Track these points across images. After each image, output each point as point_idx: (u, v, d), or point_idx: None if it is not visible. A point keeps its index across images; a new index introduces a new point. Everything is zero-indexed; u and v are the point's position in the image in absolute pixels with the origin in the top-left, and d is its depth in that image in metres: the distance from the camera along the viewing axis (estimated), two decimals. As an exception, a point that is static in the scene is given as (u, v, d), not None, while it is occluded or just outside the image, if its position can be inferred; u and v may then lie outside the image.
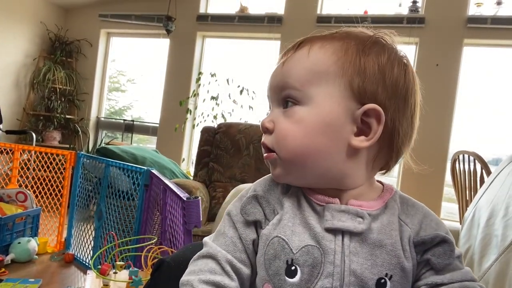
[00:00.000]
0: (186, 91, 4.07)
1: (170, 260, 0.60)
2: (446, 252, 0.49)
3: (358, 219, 0.49)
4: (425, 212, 0.53)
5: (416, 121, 0.55)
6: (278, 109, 0.53)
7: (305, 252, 0.48)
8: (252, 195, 0.54)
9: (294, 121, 0.51)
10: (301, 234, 0.50)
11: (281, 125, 0.52)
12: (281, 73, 0.53)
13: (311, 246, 0.49)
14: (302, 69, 0.51)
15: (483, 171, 2.16)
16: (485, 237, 0.81)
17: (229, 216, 0.55)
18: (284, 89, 0.52)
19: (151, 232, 1.32)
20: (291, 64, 0.53)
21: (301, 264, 0.48)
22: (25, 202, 1.62)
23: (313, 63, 0.51)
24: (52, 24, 4.48)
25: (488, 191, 0.99)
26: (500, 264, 0.71)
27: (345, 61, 0.50)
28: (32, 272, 1.35)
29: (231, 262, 0.52)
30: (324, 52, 0.51)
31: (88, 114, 4.53)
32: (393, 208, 0.52)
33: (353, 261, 0.48)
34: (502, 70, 3.40)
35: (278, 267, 0.49)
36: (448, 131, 3.28)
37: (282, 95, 0.53)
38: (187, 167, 4.08)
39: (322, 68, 0.51)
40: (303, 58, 0.52)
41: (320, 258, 0.48)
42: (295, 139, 0.50)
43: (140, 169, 1.45)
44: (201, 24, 4.08)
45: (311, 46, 0.52)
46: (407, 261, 0.49)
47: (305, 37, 0.54)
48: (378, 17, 3.46)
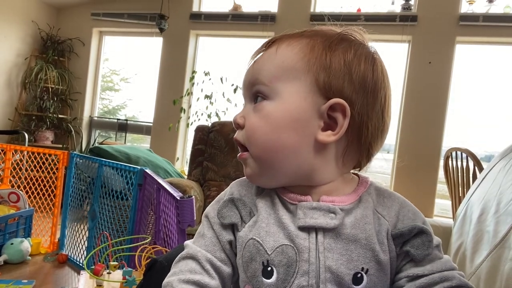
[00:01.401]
0: (179, 90, 4.05)
1: (163, 260, 0.60)
2: (424, 243, 0.49)
3: (330, 215, 0.49)
4: (401, 202, 0.53)
5: (388, 116, 0.54)
6: (250, 104, 0.54)
7: (279, 252, 0.49)
8: (229, 198, 0.55)
9: (262, 115, 0.51)
10: (276, 234, 0.50)
11: (250, 120, 0.53)
12: (252, 71, 0.55)
13: (285, 246, 0.49)
14: (270, 66, 0.53)
15: (476, 168, 2.17)
16: (477, 233, 0.82)
17: (207, 218, 0.56)
18: (254, 85, 0.54)
19: (145, 232, 1.32)
20: (261, 61, 0.54)
21: (276, 265, 0.49)
22: (17, 202, 1.61)
23: (281, 60, 0.52)
24: (44, 23, 4.43)
25: (480, 188, 0.99)
26: (491, 259, 0.71)
27: (311, 57, 0.51)
28: (26, 273, 1.34)
29: (211, 261, 0.52)
30: (292, 49, 0.52)
31: (81, 114, 4.50)
32: (367, 201, 0.52)
33: (328, 258, 0.48)
34: (494, 67, 3.43)
35: (255, 269, 0.49)
36: (441, 128, 3.30)
37: (253, 90, 0.54)
38: (182, 166, 4.07)
39: (289, 64, 0.52)
40: (272, 55, 0.53)
41: (294, 257, 0.48)
42: (263, 134, 0.51)
43: (134, 169, 1.44)
44: (194, 22, 4.06)
45: (279, 44, 0.54)
46: (383, 254, 0.49)
47: (275, 36, 0.56)
48: (371, 15, 3.47)
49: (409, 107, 3.39)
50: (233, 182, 0.59)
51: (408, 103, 3.40)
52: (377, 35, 3.56)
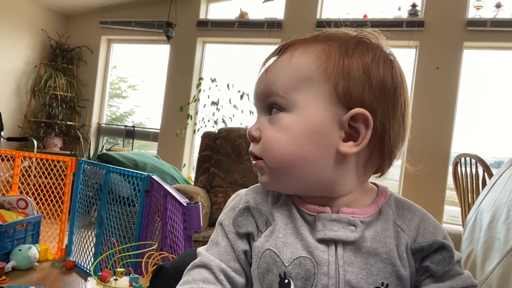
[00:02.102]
0: (186, 96, 4.08)
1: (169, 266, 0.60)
2: (445, 259, 0.48)
3: (351, 228, 0.47)
4: (422, 215, 0.51)
5: (408, 120, 0.53)
6: (264, 116, 0.52)
7: (297, 265, 0.47)
8: (245, 206, 0.53)
9: (280, 128, 0.49)
10: (293, 245, 0.48)
11: (267, 133, 0.50)
12: (265, 80, 0.52)
13: (303, 258, 0.47)
14: (285, 76, 0.50)
15: (485, 174, 2.15)
16: (487, 240, 0.81)
17: (221, 226, 0.54)
18: (268, 96, 0.51)
19: (152, 238, 1.32)
20: (274, 70, 0.52)
21: (294, 277, 0.47)
22: (26, 209, 1.62)
23: (296, 69, 0.50)
24: (53, 31, 4.50)
25: (490, 194, 0.98)
26: (503, 267, 0.70)
27: (328, 64, 0.49)
28: (33, 280, 1.34)
29: (224, 271, 0.50)
30: (307, 56, 0.50)
31: (89, 121, 4.54)
32: (388, 214, 0.50)
33: (347, 272, 0.46)
34: (502, 72, 3.40)
35: (271, 281, 0.48)
36: (449, 134, 3.27)
37: (267, 102, 0.51)
38: (188, 172, 4.08)
39: (306, 73, 0.49)
40: (285, 64, 0.51)
41: (313, 270, 0.46)
42: (282, 147, 0.49)
43: (141, 175, 1.44)
44: (201, 30, 4.09)
45: (293, 51, 0.51)
46: (403, 269, 0.47)
47: (287, 42, 0.53)
48: (377, 21, 3.47)
49: (416, 113, 3.34)
50: (248, 189, 0.57)
51: (415, 109, 3.34)
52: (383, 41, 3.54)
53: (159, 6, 4.13)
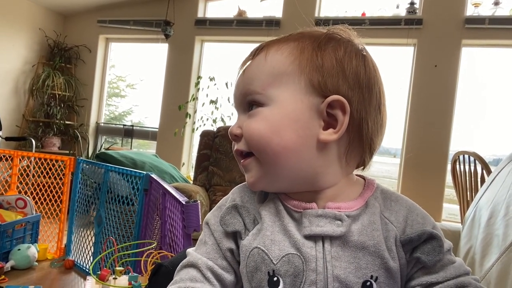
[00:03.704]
0: (185, 95, 4.07)
1: (168, 265, 0.60)
2: (435, 248, 0.48)
3: (337, 222, 0.48)
4: (409, 206, 0.52)
5: (385, 109, 0.54)
6: (244, 115, 0.54)
7: (286, 262, 0.47)
8: (232, 205, 0.53)
9: (259, 119, 0.50)
10: (281, 242, 0.49)
11: (247, 126, 0.51)
12: (243, 81, 0.54)
13: (291, 255, 0.48)
14: (261, 74, 0.52)
15: (484, 172, 2.15)
16: (486, 237, 0.81)
17: (207, 225, 0.55)
18: (247, 95, 0.53)
19: (151, 237, 1.32)
20: (250, 71, 0.54)
21: (282, 274, 0.47)
22: (24, 208, 1.62)
23: (271, 66, 0.52)
24: (51, 31, 4.48)
25: (489, 191, 0.98)
26: (501, 263, 0.70)
27: (302, 59, 0.50)
28: (32, 279, 1.34)
29: (212, 268, 0.51)
30: (281, 53, 0.52)
31: (87, 120, 4.53)
32: (374, 206, 0.50)
33: (335, 267, 0.47)
34: (500, 70, 3.41)
35: (260, 279, 0.48)
36: (448, 131, 3.28)
37: (246, 101, 0.53)
38: (187, 171, 4.07)
39: (281, 69, 0.51)
40: (261, 63, 0.53)
41: (301, 267, 0.47)
42: (264, 135, 0.49)
43: (139, 174, 1.44)
44: (199, 28, 4.08)
45: (268, 50, 0.53)
46: (393, 261, 0.48)
47: (262, 43, 0.56)
48: (376, 19, 3.47)
49: (415, 111, 3.37)
50: (235, 188, 0.57)
51: (414, 107, 3.38)
52: (382, 39, 3.55)
53: (157, 4, 4.13)
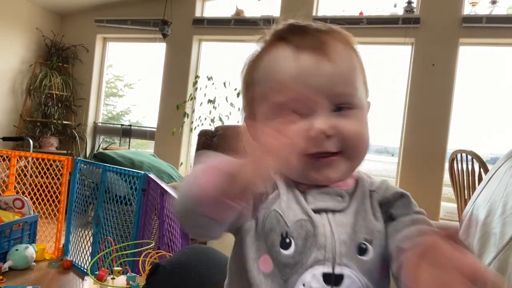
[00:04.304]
0: (183, 95, 4.06)
1: (165, 264, 0.59)
2: (405, 204, 0.54)
3: (338, 198, 0.53)
4: (387, 183, 0.58)
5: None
6: (328, 113, 0.53)
7: (298, 226, 0.51)
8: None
9: (359, 122, 0.54)
10: (295, 210, 0.52)
11: (349, 128, 0.53)
12: (331, 78, 0.52)
13: (304, 220, 0.51)
14: (352, 74, 0.54)
15: (481, 170, 2.16)
16: (483, 235, 0.81)
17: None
18: (340, 95, 0.53)
19: (149, 237, 1.32)
20: (341, 68, 0.53)
21: (295, 237, 0.50)
22: (22, 208, 1.61)
23: (354, 65, 0.55)
24: (48, 30, 4.47)
25: (486, 189, 0.98)
26: (498, 262, 0.70)
27: (359, 59, 0.56)
28: (30, 279, 1.34)
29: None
30: (350, 52, 0.56)
31: (85, 120, 4.52)
32: (363, 182, 0.57)
33: (341, 233, 0.51)
34: (498, 68, 3.41)
35: (274, 240, 0.51)
36: (445, 130, 3.28)
37: (337, 101, 0.53)
38: (186, 171, 4.07)
39: (357, 70, 0.55)
40: (348, 60, 0.55)
41: (312, 231, 0.50)
42: (366, 138, 0.55)
43: (137, 174, 1.44)
44: (197, 27, 4.08)
45: (337, 42, 0.55)
46: (378, 222, 0.53)
47: (328, 32, 0.56)
48: (373, 18, 3.47)
49: (413, 110, 3.37)
50: None
51: (412, 106, 3.38)
52: (379, 38, 3.55)
53: (154, 4, 4.11)
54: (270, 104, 0.53)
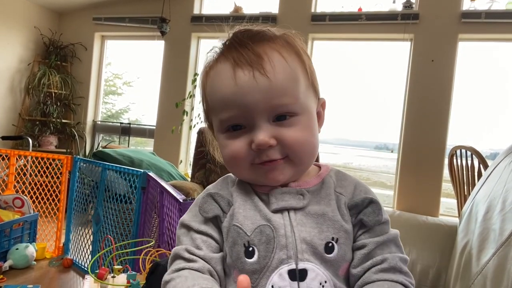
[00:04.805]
0: (182, 92, 4.06)
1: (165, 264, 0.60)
2: (374, 211, 0.56)
3: (299, 196, 0.55)
4: (355, 183, 0.60)
5: None
6: (267, 123, 0.54)
7: (258, 232, 0.53)
8: (207, 193, 0.58)
9: (301, 128, 0.55)
10: (253, 217, 0.54)
11: (292, 136, 0.54)
12: (268, 92, 0.53)
13: (262, 226, 0.53)
14: (289, 82, 0.54)
15: (481, 166, 2.16)
16: (483, 232, 0.81)
17: (181, 225, 0.59)
18: (278, 107, 0.54)
19: (149, 235, 1.32)
20: (277, 80, 0.53)
21: (256, 244, 0.52)
22: (22, 208, 1.61)
23: (293, 72, 0.55)
24: (46, 29, 4.45)
25: (485, 185, 0.99)
26: (498, 258, 0.70)
27: (302, 62, 0.57)
28: (31, 278, 1.34)
29: (188, 250, 0.55)
30: (290, 57, 0.56)
31: (84, 118, 4.51)
32: (329, 183, 0.58)
33: (301, 231, 0.53)
34: (497, 64, 3.41)
35: (238, 252, 0.53)
36: (445, 126, 3.28)
37: (277, 112, 0.54)
38: (185, 168, 4.07)
39: (298, 75, 0.55)
40: (283, 69, 0.54)
41: (272, 234, 0.52)
42: (310, 142, 0.56)
43: (137, 172, 1.44)
44: (195, 25, 4.07)
45: (277, 52, 0.55)
46: (347, 224, 0.55)
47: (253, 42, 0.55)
48: (372, 14, 3.46)
49: (412, 106, 3.37)
50: (209, 186, 0.62)
51: (411, 102, 3.38)
52: (378, 34, 3.54)
53: (152, 1, 4.10)
54: (218, 119, 0.57)
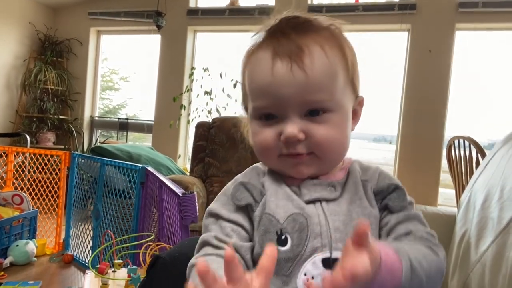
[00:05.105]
0: (179, 87, 4.04)
1: (165, 256, 0.60)
2: (399, 196, 0.57)
3: (330, 188, 0.56)
4: (380, 171, 0.61)
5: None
6: (298, 118, 0.54)
7: (291, 220, 0.53)
8: (239, 182, 0.58)
9: (333, 126, 0.54)
10: (285, 206, 0.54)
11: (322, 134, 0.54)
12: (305, 86, 0.52)
13: (295, 214, 0.53)
14: (326, 78, 0.53)
15: (479, 156, 2.16)
16: (481, 220, 0.82)
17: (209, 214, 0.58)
18: (313, 103, 0.53)
19: (149, 229, 1.32)
20: (314, 74, 0.52)
21: (290, 232, 0.53)
22: (21, 204, 1.61)
23: (332, 68, 0.54)
24: (41, 24, 4.42)
25: (483, 174, 0.99)
26: (496, 246, 0.71)
27: (344, 57, 0.55)
28: (32, 274, 1.35)
29: (217, 237, 0.54)
30: (331, 52, 0.54)
31: (81, 114, 4.49)
32: (355, 173, 0.59)
33: (335, 220, 0.53)
34: (494, 53, 3.40)
35: (271, 240, 0.53)
36: (443, 117, 3.28)
37: (310, 107, 0.54)
38: (184, 163, 4.07)
39: (337, 71, 0.54)
40: (323, 64, 0.53)
41: (305, 222, 0.53)
42: (339, 141, 0.56)
43: (136, 167, 1.44)
44: (191, 18, 4.04)
45: (318, 46, 0.53)
46: (374, 209, 0.56)
47: (296, 33, 0.54)
48: (369, 5, 3.44)
49: (410, 97, 3.37)
50: (237, 176, 0.61)
51: (409, 93, 3.37)
52: (375, 25, 3.53)
53: (148, -5, 4.07)
54: (252, 106, 0.57)
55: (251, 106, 0.58)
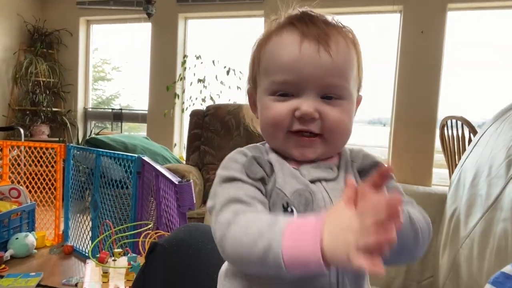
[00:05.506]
0: (172, 75, 4.02)
1: (163, 243, 0.61)
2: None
3: (328, 170, 0.59)
4: (364, 153, 0.64)
5: None
6: (315, 98, 0.57)
7: (297, 195, 0.55)
8: (251, 156, 0.58)
9: (343, 111, 0.58)
10: (291, 182, 0.56)
11: (334, 116, 0.57)
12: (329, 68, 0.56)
13: (301, 189, 0.56)
14: (348, 67, 0.57)
15: (471, 135, 2.19)
16: (470, 197, 0.84)
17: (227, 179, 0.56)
18: (332, 86, 0.57)
19: (147, 218, 1.34)
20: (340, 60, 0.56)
21: (296, 205, 0.55)
22: (18, 198, 1.62)
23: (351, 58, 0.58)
24: (29, 16, 4.35)
25: (473, 153, 1.01)
26: (484, 222, 0.73)
27: (357, 53, 0.59)
28: (33, 266, 1.36)
29: (247, 194, 0.54)
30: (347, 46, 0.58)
31: (75, 106, 4.47)
32: (346, 155, 0.62)
33: (336, 196, 0.56)
34: (486, 33, 3.40)
35: (278, 213, 0.54)
36: (436, 97, 3.30)
37: (328, 90, 0.57)
38: (180, 151, 4.08)
39: (352, 63, 0.58)
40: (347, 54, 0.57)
41: (310, 198, 0.55)
42: (347, 127, 0.59)
43: (131, 157, 1.45)
44: (182, 5, 3.99)
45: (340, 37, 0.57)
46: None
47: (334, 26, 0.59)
48: (360, -14, 3.41)
49: (403, 78, 3.38)
50: (241, 148, 0.60)
51: (402, 74, 3.38)
52: (367, 7, 3.51)
53: (136, -17, 4.01)
54: (269, 81, 0.58)
55: (267, 81, 0.59)
